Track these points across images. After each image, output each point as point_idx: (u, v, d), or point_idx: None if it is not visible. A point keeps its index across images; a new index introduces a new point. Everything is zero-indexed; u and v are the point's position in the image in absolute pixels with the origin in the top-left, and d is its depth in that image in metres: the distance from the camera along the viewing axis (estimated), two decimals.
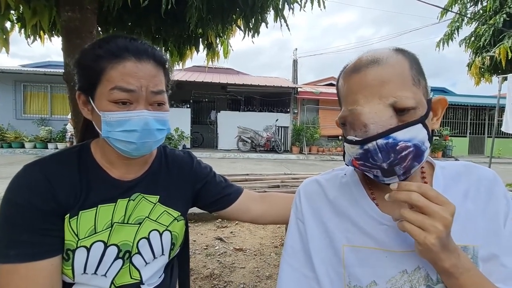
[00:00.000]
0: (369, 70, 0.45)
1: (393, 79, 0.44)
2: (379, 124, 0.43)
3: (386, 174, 0.45)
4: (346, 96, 0.48)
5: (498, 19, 5.07)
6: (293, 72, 14.99)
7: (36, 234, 0.52)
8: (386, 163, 0.43)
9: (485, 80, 6.02)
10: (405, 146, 0.42)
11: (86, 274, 0.55)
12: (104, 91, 0.54)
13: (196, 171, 0.75)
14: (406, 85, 0.44)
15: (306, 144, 10.93)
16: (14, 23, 2.00)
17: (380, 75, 0.44)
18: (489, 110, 12.72)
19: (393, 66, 0.45)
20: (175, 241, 0.66)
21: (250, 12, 1.94)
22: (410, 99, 0.43)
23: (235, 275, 2.08)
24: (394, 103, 0.43)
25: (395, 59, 0.46)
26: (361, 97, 0.45)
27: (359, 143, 0.44)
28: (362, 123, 0.44)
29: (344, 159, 0.53)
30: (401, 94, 0.43)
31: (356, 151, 0.46)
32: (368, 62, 0.46)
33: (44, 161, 0.58)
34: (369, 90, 0.44)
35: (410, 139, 0.43)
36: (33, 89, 10.43)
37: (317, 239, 0.55)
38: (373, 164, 0.45)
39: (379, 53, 0.46)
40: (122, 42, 0.56)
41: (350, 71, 0.48)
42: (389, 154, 0.43)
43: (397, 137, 0.42)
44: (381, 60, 0.45)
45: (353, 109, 0.45)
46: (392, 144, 0.42)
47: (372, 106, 0.43)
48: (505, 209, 0.49)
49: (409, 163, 0.44)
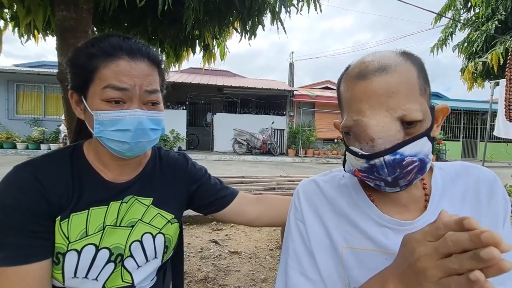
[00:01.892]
0: (376, 78, 0.43)
1: (402, 89, 0.42)
2: (387, 139, 0.42)
3: (390, 185, 0.45)
4: (350, 103, 0.46)
5: (490, 26, 5.16)
6: (290, 75, 15.08)
7: (25, 237, 0.51)
8: (391, 177, 0.43)
9: (477, 85, 6.12)
10: (411, 161, 0.42)
11: (76, 278, 0.54)
12: (97, 90, 0.53)
13: (191, 173, 0.74)
14: (414, 96, 0.43)
15: (302, 146, 10.96)
16: (8, 22, 1.97)
17: (388, 84, 0.42)
18: (481, 114, 12.94)
19: (401, 75, 0.43)
20: (169, 244, 0.65)
21: (247, 15, 1.94)
22: (418, 112, 0.42)
23: (230, 278, 2.06)
24: (402, 116, 0.41)
25: (403, 66, 0.44)
26: (368, 107, 0.43)
27: (365, 157, 0.43)
28: (369, 137, 0.43)
29: (343, 166, 0.52)
30: (409, 107, 0.42)
31: (360, 164, 0.45)
32: (375, 69, 0.43)
33: (35, 162, 0.57)
34: (376, 100, 0.42)
35: (416, 154, 0.42)
36: (26, 89, 10.29)
37: (318, 239, 0.54)
38: (377, 177, 0.44)
39: (386, 59, 0.44)
40: (116, 40, 0.55)
41: (355, 76, 0.45)
42: (395, 170, 0.42)
43: (404, 152, 0.42)
44: (389, 68, 0.43)
45: (358, 119, 0.43)
46: (399, 160, 0.42)
47: (379, 119, 0.42)
48: (503, 210, 0.49)
49: (413, 176, 0.44)
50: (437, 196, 0.51)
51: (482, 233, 0.28)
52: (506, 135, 4.49)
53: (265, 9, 1.97)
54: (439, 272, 0.31)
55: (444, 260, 0.31)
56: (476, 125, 13.19)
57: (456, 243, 0.30)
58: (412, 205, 0.51)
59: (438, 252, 0.32)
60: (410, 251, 0.36)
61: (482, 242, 0.28)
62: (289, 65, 15.22)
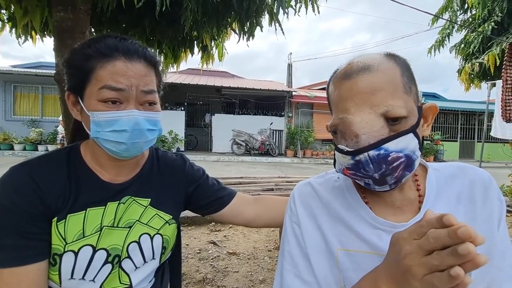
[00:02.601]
0: (359, 77, 0.44)
1: (385, 87, 0.43)
2: (371, 135, 0.42)
3: (378, 183, 0.45)
4: (337, 103, 0.47)
5: (487, 27, 5.21)
6: (288, 76, 15.11)
7: (22, 238, 0.50)
8: (377, 174, 0.43)
9: (474, 86, 6.16)
10: (396, 157, 0.42)
11: (73, 279, 0.54)
12: (93, 90, 0.53)
13: (189, 174, 0.74)
14: (397, 93, 0.44)
15: (300, 147, 10.97)
16: (5, 22, 1.96)
17: (371, 82, 0.43)
18: (478, 115, 13.01)
19: (384, 73, 0.44)
20: (167, 245, 0.65)
21: (245, 16, 1.94)
22: (401, 108, 0.43)
23: (229, 279, 2.05)
24: (385, 113, 0.42)
25: (386, 65, 0.45)
26: (352, 105, 0.44)
27: (350, 153, 0.44)
28: (353, 133, 0.43)
29: (334, 166, 0.53)
30: (392, 103, 0.42)
31: (347, 161, 0.45)
32: (359, 68, 0.45)
33: (32, 163, 0.56)
34: (360, 98, 0.43)
35: (401, 150, 0.42)
36: (23, 90, 10.24)
37: (314, 242, 0.54)
38: (364, 174, 0.44)
39: (370, 59, 0.46)
40: (112, 41, 0.55)
41: (340, 77, 0.47)
42: (380, 165, 0.42)
43: (388, 148, 0.42)
44: (372, 67, 0.44)
45: (343, 117, 0.45)
46: (384, 155, 0.42)
47: (363, 115, 0.43)
48: (498, 211, 0.49)
49: (400, 172, 0.44)
50: (431, 198, 0.50)
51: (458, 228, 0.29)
52: (503, 135, 4.52)
53: (263, 10, 1.97)
54: (423, 269, 0.32)
55: (427, 257, 0.32)
56: (473, 125, 13.27)
57: (436, 240, 0.31)
58: (406, 207, 0.51)
59: (422, 249, 0.33)
60: (398, 249, 0.36)
61: (459, 237, 0.29)
62: (288, 66, 15.26)
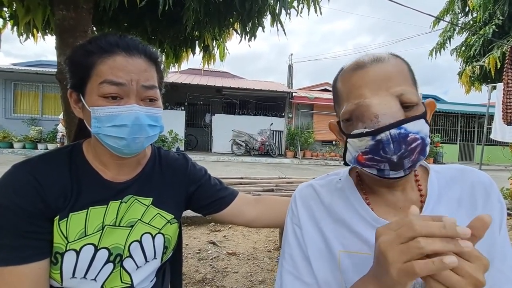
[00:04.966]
0: (373, 67, 0.46)
1: (397, 75, 0.46)
2: (390, 115, 0.43)
3: (394, 167, 0.44)
4: (349, 92, 0.48)
5: (488, 30, 5.21)
6: (289, 77, 15.13)
7: (22, 237, 0.50)
8: (396, 155, 0.43)
9: (475, 88, 6.16)
10: (414, 137, 0.43)
11: (75, 278, 0.54)
12: (94, 86, 0.53)
13: (191, 173, 0.74)
14: (408, 82, 0.46)
15: (300, 148, 10.97)
16: (7, 21, 1.96)
17: (385, 70, 0.46)
18: (478, 118, 13.02)
19: (395, 65, 0.47)
20: (168, 244, 0.65)
21: (247, 16, 1.95)
22: (414, 94, 0.45)
23: (228, 279, 2.05)
24: (400, 95, 0.44)
25: (395, 60, 0.48)
26: (367, 90, 0.45)
27: (371, 134, 0.43)
28: (373, 114, 0.43)
29: (344, 158, 0.52)
30: (406, 88, 0.45)
31: (365, 144, 0.45)
32: (371, 60, 0.47)
33: (33, 161, 0.56)
34: (375, 84, 0.45)
35: (418, 131, 0.43)
36: (24, 88, 10.22)
37: (315, 244, 0.54)
38: (382, 157, 0.44)
39: (379, 54, 0.48)
40: (113, 38, 0.56)
41: (351, 69, 0.48)
42: (400, 145, 0.42)
43: (407, 128, 0.43)
44: (383, 59, 0.47)
45: (360, 101, 0.45)
46: (404, 134, 0.42)
47: (380, 98, 0.44)
48: (499, 213, 0.49)
49: (417, 156, 0.44)
50: (433, 199, 0.51)
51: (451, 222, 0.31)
52: (503, 138, 4.52)
53: (265, 10, 1.98)
54: (402, 255, 0.32)
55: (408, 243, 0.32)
56: (473, 128, 13.27)
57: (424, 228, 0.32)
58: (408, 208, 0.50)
59: (400, 236, 0.33)
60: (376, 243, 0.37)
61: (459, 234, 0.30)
62: (288, 67, 15.27)
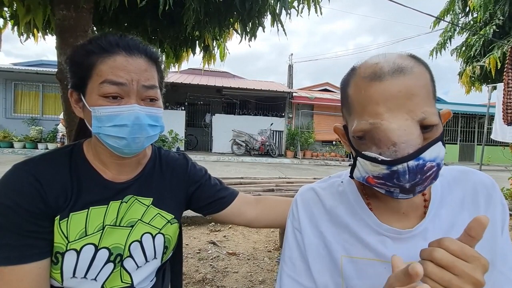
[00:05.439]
0: (393, 80, 0.40)
1: (420, 92, 0.40)
2: (409, 143, 0.39)
3: (405, 192, 0.42)
4: (364, 106, 0.42)
5: (488, 30, 5.20)
6: (289, 77, 15.13)
7: (23, 237, 0.50)
8: (410, 184, 0.40)
9: (475, 89, 6.16)
10: (430, 166, 0.40)
11: (75, 278, 0.54)
12: (95, 86, 0.54)
13: (191, 173, 0.74)
14: (430, 99, 0.42)
15: (300, 148, 10.97)
16: (7, 20, 1.96)
17: (407, 86, 0.40)
18: (478, 118, 13.01)
19: (418, 78, 0.41)
20: (168, 244, 0.65)
21: (247, 16, 1.94)
22: (435, 116, 0.41)
23: (228, 279, 2.05)
24: (422, 120, 0.40)
25: (418, 69, 0.42)
26: (385, 109, 0.40)
27: (387, 163, 0.40)
28: (391, 141, 0.39)
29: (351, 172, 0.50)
30: (428, 110, 0.40)
31: (379, 170, 0.42)
32: (392, 70, 0.41)
33: (34, 161, 0.56)
34: (395, 103, 0.40)
35: (434, 158, 0.40)
36: (24, 88, 10.23)
37: (315, 249, 0.53)
38: (395, 184, 0.41)
39: (400, 60, 0.42)
40: (113, 38, 0.56)
41: (369, 77, 0.42)
42: (416, 175, 0.40)
43: (425, 157, 0.39)
44: (405, 69, 0.41)
45: (376, 122, 0.40)
46: (422, 165, 0.39)
47: (400, 122, 0.39)
48: (501, 215, 0.49)
49: (429, 181, 0.42)
50: (436, 203, 0.50)
51: None
52: (503, 138, 4.52)
53: (266, 10, 1.97)
54: None
55: None
56: (473, 128, 13.27)
57: None
58: (411, 213, 0.50)
59: None
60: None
61: None
62: (288, 67, 15.28)
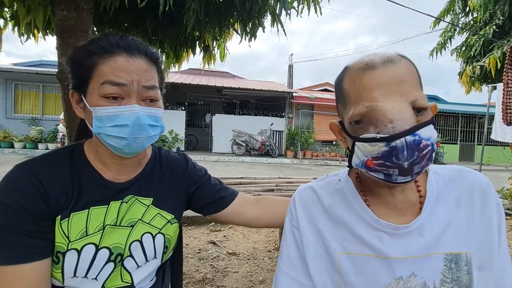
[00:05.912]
0: (385, 69, 0.44)
1: (409, 78, 0.45)
2: (405, 121, 0.42)
3: (403, 173, 0.43)
4: (359, 93, 0.46)
5: (488, 30, 5.21)
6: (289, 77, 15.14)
7: (24, 236, 0.51)
8: (408, 162, 0.42)
9: (475, 89, 6.16)
10: (426, 144, 0.42)
11: (76, 278, 0.54)
12: (95, 86, 0.54)
13: (191, 173, 0.74)
14: (418, 86, 0.46)
15: (300, 148, 10.97)
16: (8, 21, 1.96)
17: (398, 73, 0.44)
18: (479, 118, 13.02)
19: (406, 67, 0.46)
20: (168, 244, 0.65)
21: (247, 16, 1.95)
22: (425, 100, 0.44)
23: (228, 279, 2.05)
24: (413, 102, 0.43)
25: (405, 62, 0.47)
26: (379, 93, 0.43)
27: (385, 139, 0.42)
28: (388, 119, 0.42)
29: (349, 161, 0.51)
30: (419, 94, 0.44)
31: (378, 149, 0.43)
32: (383, 60, 0.45)
33: (35, 161, 0.57)
34: (388, 88, 0.43)
35: (429, 138, 0.43)
36: (24, 88, 10.24)
37: (312, 247, 0.54)
38: (394, 163, 0.43)
39: (389, 55, 0.47)
40: (114, 38, 0.56)
41: (362, 68, 0.46)
42: (413, 152, 0.42)
43: (421, 134, 0.42)
44: (395, 60, 0.46)
45: (372, 105, 0.44)
46: (418, 141, 0.42)
47: (394, 103, 0.43)
48: (497, 214, 0.50)
49: (426, 162, 0.44)
50: (432, 200, 0.51)
51: None
52: (503, 138, 4.52)
53: (266, 11, 1.98)
54: None
55: None
56: (473, 128, 13.28)
57: None
58: (407, 209, 0.51)
59: None
60: None
61: None
62: (288, 67, 15.28)
